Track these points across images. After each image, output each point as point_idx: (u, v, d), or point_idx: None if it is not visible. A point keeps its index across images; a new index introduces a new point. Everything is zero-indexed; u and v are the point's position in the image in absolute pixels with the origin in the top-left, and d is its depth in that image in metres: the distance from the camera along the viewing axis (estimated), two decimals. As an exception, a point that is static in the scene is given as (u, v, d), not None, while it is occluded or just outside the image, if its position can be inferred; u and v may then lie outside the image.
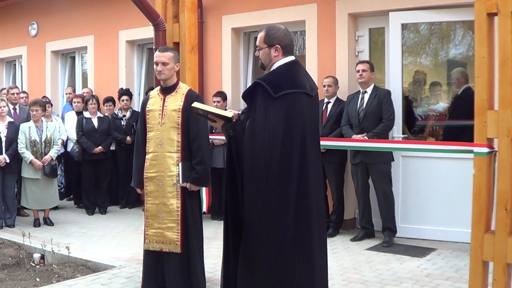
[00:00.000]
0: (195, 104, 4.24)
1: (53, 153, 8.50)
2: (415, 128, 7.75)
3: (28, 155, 8.25)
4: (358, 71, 7.19)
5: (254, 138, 3.70)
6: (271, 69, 3.93)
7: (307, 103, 3.84)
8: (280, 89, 3.71)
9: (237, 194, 3.84)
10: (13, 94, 9.47)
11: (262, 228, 3.68)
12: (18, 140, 8.29)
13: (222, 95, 8.61)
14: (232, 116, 4.00)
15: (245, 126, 3.81)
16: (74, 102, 9.92)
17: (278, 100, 3.68)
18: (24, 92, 10.88)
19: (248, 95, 3.87)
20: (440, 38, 7.75)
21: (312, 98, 3.92)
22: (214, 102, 8.40)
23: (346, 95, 7.61)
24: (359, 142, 6.79)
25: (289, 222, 3.70)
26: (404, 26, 7.40)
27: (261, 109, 3.71)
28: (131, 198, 9.64)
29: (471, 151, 4.46)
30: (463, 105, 7.06)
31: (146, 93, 9.77)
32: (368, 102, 7.10)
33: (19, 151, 8.28)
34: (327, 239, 7.14)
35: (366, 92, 7.19)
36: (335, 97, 7.60)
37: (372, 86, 7.20)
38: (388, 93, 7.12)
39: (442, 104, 7.70)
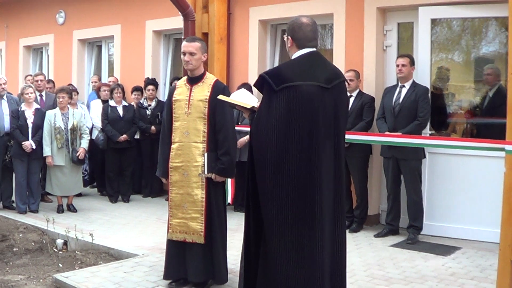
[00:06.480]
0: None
1: (85, 144, 8.62)
2: (441, 125, 7.63)
3: (47, 150, 8.33)
4: (398, 65, 6.99)
5: (259, 132, 3.69)
6: None
7: (318, 95, 3.71)
8: (283, 82, 3.65)
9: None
10: (37, 81, 9.52)
11: (275, 223, 3.67)
12: (44, 129, 8.37)
13: (246, 85, 8.55)
14: (253, 106, 3.98)
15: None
16: (104, 90, 9.97)
17: (280, 93, 3.64)
18: (50, 81, 10.93)
19: (258, 88, 3.86)
20: (470, 35, 7.62)
21: (328, 90, 3.77)
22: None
23: (374, 90, 7.54)
24: (384, 137, 6.68)
25: (299, 216, 3.65)
26: (433, 21, 7.30)
27: (265, 102, 3.71)
28: (154, 187, 9.67)
29: (502, 149, 4.39)
30: (496, 104, 6.82)
31: (171, 82, 9.79)
32: (405, 97, 6.91)
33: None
34: (351, 234, 7.15)
35: (404, 86, 7.00)
36: (357, 90, 7.47)
37: (411, 81, 6.98)
38: (426, 90, 6.93)
39: (469, 101, 7.58)
